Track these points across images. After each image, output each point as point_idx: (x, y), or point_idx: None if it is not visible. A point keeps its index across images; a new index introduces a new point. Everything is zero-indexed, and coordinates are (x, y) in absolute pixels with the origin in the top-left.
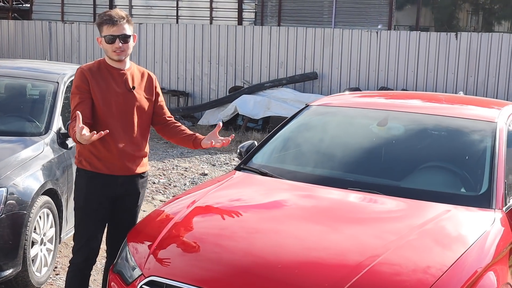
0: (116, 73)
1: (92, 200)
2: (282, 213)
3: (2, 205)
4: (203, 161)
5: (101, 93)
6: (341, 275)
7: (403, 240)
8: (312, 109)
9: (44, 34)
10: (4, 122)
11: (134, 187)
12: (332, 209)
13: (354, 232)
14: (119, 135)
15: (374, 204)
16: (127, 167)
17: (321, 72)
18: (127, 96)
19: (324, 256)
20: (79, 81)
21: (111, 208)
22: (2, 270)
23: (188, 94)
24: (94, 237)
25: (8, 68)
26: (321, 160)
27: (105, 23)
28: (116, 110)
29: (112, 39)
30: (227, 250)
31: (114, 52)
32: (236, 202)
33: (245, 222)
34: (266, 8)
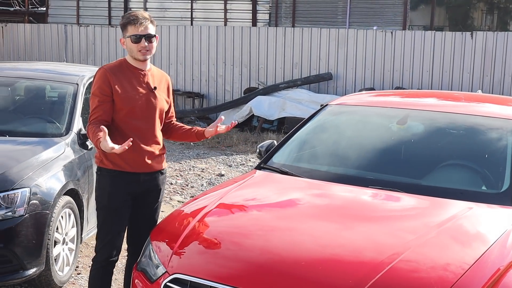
0: (138, 73)
1: (116, 198)
2: (308, 211)
3: (25, 205)
4: (220, 162)
5: (124, 93)
6: (364, 273)
7: (424, 238)
8: (331, 108)
9: (60, 37)
10: (26, 124)
11: (155, 183)
12: (354, 207)
13: (375, 230)
14: (142, 133)
15: (396, 202)
16: (148, 164)
17: (335, 73)
18: (149, 96)
19: (347, 255)
20: (100, 82)
21: (133, 205)
22: (26, 269)
23: (203, 95)
24: (117, 235)
25: (28, 71)
26: (341, 159)
27: (130, 23)
28: (138, 109)
29: (138, 38)
30: (250, 248)
31: (140, 52)
32: (257, 201)
33: (266, 220)
34: (280, 9)
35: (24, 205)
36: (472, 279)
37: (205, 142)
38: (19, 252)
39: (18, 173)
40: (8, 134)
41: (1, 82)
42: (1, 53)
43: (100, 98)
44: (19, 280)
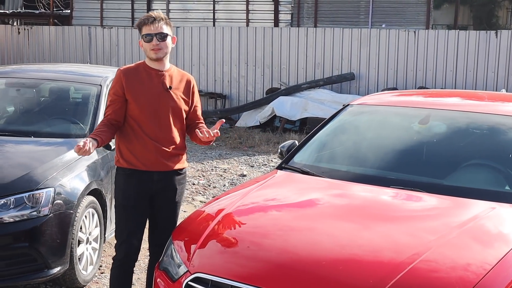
0: (154, 74)
1: (130, 196)
2: (327, 211)
3: (50, 205)
4: (242, 162)
5: (136, 93)
6: (384, 273)
7: (445, 238)
8: (352, 108)
9: (84, 39)
10: (50, 125)
11: (170, 183)
12: (374, 207)
13: (395, 230)
14: (154, 133)
15: (417, 202)
16: (162, 163)
17: (358, 73)
18: (163, 96)
19: (366, 254)
20: (114, 83)
21: (150, 204)
22: (51, 268)
23: (225, 96)
24: (134, 233)
25: (53, 72)
26: (363, 158)
27: (144, 23)
28: (150, 109)
29: (150, 37)
30: (269, 248)
31: (152, 50)
32: (277, 201)
33: (285, 220)
34: (302, 9)
35: (49, 204)
36: (494, 279)
37: (227, 143)
38: (44, 251)
39: (43, 173)
40: (33, 135)
41: (26, 84)
42: (27, 55)
43: (112, 98)
44: (44, 278)
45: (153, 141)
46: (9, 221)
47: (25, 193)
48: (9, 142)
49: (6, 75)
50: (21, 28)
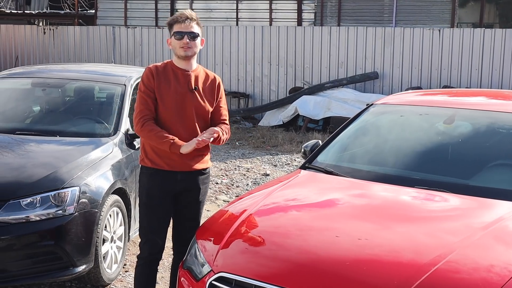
0: (180, 74)
1: (154, 195)
2: (348, 211)
3: (75, 204)
4: (265, 161)
5: (162, 92)
6: (409, 274)
7: (470, 239)
8: (376, 108)
9: (108, 38)
10: (75, 124)
11: (194, 182)
12: (397, 207)
13: (418, 231)
14: (178, 132)
15: (441, 202)
16: (186, 163)
17: (382, 72)
18: (188, 96)
19: (387, 255)
20: (145, 79)
21: (174, 204)
22: (76, 266)
23: (248, 95)
24: (157, 231)
25: (78, 72)
26: (387, 158)
27: (175, 22)
28: (175, 108)
29: (181, 35)
30: (290, 248)
31: (182, 48)
32: (299, 201)
33: (310, 220)
34: (325, 8)
35: (74, 203)
36: None
37: (250, 142)
38: (69, 249)
39: (68, 173)
40: (59, 134)
41: (52, 84)
42: (52, 55)
43: (146, 94)
44: (69, 276)
45: None
46: (35, 219)
47: (51, 192)
48: (35, 141)
49: (32, 75)
50: (47, 28)
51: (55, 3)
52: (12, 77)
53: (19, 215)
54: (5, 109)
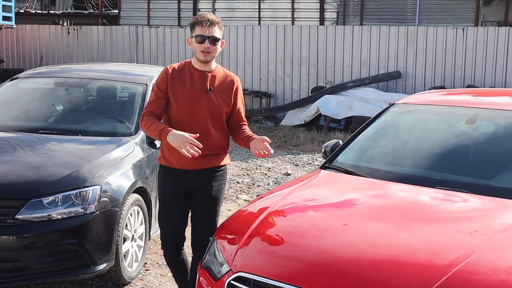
0: (197, 74)
1: (167, 193)
2: (367, 211)
3: (96, 202)
4: (286, 161)
5: (176, 93)
6: (428, 276)
7: (491, 241)
8: (397, 107)
9: (131, 38)
10: (97, 123)
11: (205, 180)
12: (416, 208)
13: (438, 232)
14: (189, 132)
15: (461, 203)
16: (196, 162)
17: (404, 71)
18: (202, 97)
19: (404, 256)
20: (159, 79)
21: (188, 201)
22: (97, 265)
23: (270, 95)
24: (169, 226)
25: (100, 72)
26: (407, 158)
27: (198, 24)
28: (188, 108)
29: (202, 39)
30: (307, 248)
31: (202, 52)
32: (319, 201)
33: (329, 221)
34: (348, 7)
35: (95, 202)
36: None
37: (272, 142)
38: (90, 248)
39: (90, 172)
40: (81, 133)
41: (74, 83)
42: (76, 54)
43: (156, 93)
44: (90, 275)
45: None
46: (57, 218)
47: (73, 190)
48: (57, 140)
49: (55, 74)
50: (71, 28)
51: (79, 3)
52: (36, 76)
53: (41, 213)
54: (28, 109)
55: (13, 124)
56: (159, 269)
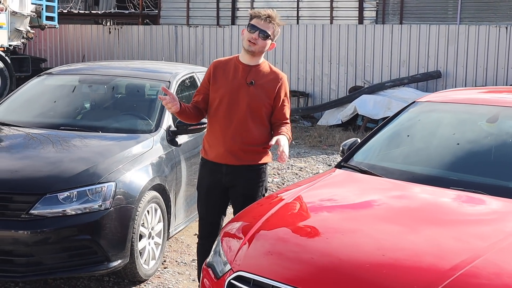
0: (241, 67)
1: (203, 184)
2: (377, 213)
3: (111, 199)
4: (319, 161)
5: (217, 85)
6: (430, 279)
7: (501, 244)
8: (418, 106)
9: (170, 37)
10: (118, 120)
11: (239, 177)
12: (429, 210)
13: (448, 235)
14: (225, 126)
15: (477, 206)
16: (230, 157)
17: (445, 71)
18: (242, 89)
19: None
20: (206, 73)
21: (226, 195)
22: (111, 261)
23: (308, 94)
24: (205, 217)
25: (124, 69)
26: (425, 158)
27: (256, 16)
28: (226, 100)
29: (254, 30)
30: (311, 250)
31: (248, 41)
32: (328, 201)
33: (334, 222)
34: (387, 6)
35: (110, 198)
36: None
37: (306, 141)
38: (104, 244)
39: (106, 168)
40: (101, 130)
41: (98, 80)
42: (117, 54)
43: (200, 87)
44: (104, 271)
45: (223, 135)
46: (71, 213)
47: (88, 186)
48: (76, 137)
49: (80, 72)
50: (112, 28)
51: (122, 3)
52: (61, 74)
53: (55, 208)
54: (51, 105)
55: (35, 120)
56: (177, 267)
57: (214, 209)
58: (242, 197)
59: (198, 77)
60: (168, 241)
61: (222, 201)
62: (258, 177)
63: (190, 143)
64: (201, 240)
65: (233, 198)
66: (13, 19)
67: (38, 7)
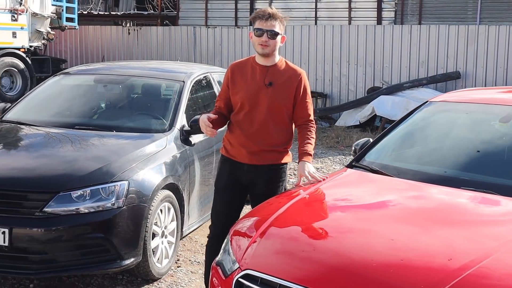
0: (258, 69)
1: (221, 181)
2: (389, 213)
3: (123, 198)
4: (336, 161)
5: (236, 88)
6: (437, 279)
7: (510, 245)
8: (432, 105)
9: (189, 38)
10: (132, 119)
11: (260, 176)
12: (441, 210)
13: (457, 235)
14: (246, 128)
15: (492, 206)
16: (251, 157)
17: (464, 71)
18: (262, 92)
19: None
20: (225, 76)
21: (243, 194)
22: (123, 259)
23: (326, 95)
24: (220, 215)
25: (139, 69)
26: (436, 158)
27: (258, 18)
28: (246, 103)
29: (260, 33)
30: (323, 250)
31: (260, 45)
32: (341, 201)
33: (341, 221)
34: (406, 6)
35: (123, 197)
36: None
37: (324, 142)
38: (117, 242)
39: (119, 167)
40: (115, 129)
41: (112, 80)
42: (136, 54)
43: (221, 93)
44: (117, 269)
45: (244, 136)
46: (85, 211)
47: (101, 185)
48: (90, 136)
49: (95, 72)
50: (131, 29)
51: (141, 4)
52: (78, 73)
53: (69, 207)
54: (67, 105)
55: (51, 119)
56: (191, 266)
57: (230, 208)
58: (261, 196)
59: (213, 77)
60: (182, 240)
61: (238, 200)
62: (278, 176)
63: (204, 142)
64: (212, 241)
65: (253, 197)
66: (34, 21)
67: (58, 9)
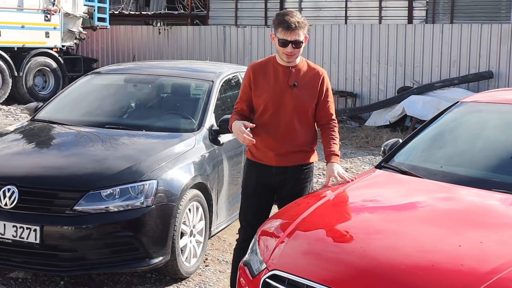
0: (281, 70)
1: (250, 185)
2: (418, 214)
3: (152, 197)
4: (365, 162)
5: (260, 90)
6: (467, 282)
7: None
8: (463, 106)
9: (218, 38)
10: (161, 119)
11: (289, 177)
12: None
13: (487, 238)
14: (273, 130)
15: None
16: (279, 159)
17: (497, 71)
18: (286, 93)
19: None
20: (244, 78)
21: (272, 196)
22: (152, 258)
23: (356, 95)
24: (250, 219)
25: (169, 69)
26: (467, 160)
27: (280, 26)
28: (271, 105)
29: (285, 43)
30: (350, 251)
31: (285, 55)
32: (370, 202)
33: (369, 222)
34: (438, 5)
35: (152, 196)
36: None
37: (353, 142)
38: (145, 241)
39: (148, 166)
40: (145, 129)
41: (142, 80)
42: (166, 54)
43: (242, 94)
44: (145, 268)
45: (271, 138)
46: (114, 210)
47: (130, 184)
48: (120, 135)
49: (126, 71)
50: (162, 28)
51: (172, 4)
52: (108, 73)
53: (99, 205)
54: (97, 104)
55: (82, 118)
56: (219, 265)
57: (258, 212)
58: (289, 197)
59: (242, 76)
60: (210, 240)
61: (266, 203)
62: (305, 176)
63: (233, 142)
64: (242, 244)
65: (280, 197)
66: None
67: (90, 9)
